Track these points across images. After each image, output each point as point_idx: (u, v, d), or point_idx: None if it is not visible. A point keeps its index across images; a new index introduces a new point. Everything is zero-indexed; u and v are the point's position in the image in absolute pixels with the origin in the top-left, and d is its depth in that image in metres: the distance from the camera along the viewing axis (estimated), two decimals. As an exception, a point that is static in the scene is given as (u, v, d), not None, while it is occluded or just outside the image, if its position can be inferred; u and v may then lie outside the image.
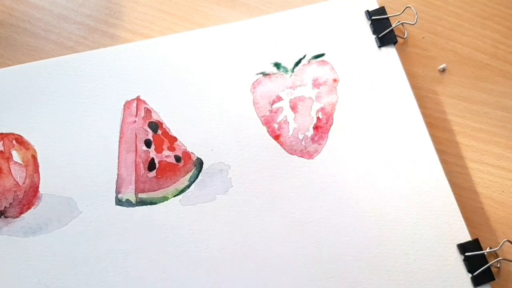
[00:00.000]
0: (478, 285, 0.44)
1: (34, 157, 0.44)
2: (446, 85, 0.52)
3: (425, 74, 0.52)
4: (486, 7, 0.55)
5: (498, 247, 0.46)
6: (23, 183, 0.44)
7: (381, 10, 0.51)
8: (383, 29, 0.50)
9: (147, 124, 0.46)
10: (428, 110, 0.51)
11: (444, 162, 0.48)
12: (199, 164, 0.46)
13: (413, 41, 0.53)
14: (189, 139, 0.46)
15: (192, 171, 0.45)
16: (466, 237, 0.45)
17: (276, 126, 0.47)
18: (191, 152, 0.46)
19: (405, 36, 0.52)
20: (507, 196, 0.49)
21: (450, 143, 0.50)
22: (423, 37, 0.53)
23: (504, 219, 0.48)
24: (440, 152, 0.48)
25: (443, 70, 0.53)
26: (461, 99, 0.52)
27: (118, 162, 0.45)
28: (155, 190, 0.45)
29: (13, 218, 0.43)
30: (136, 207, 0.44)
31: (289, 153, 0.47)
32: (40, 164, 0.44)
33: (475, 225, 0.47)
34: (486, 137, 0.51)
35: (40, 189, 0.44)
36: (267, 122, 0.47)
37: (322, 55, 0.49)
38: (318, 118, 0.48)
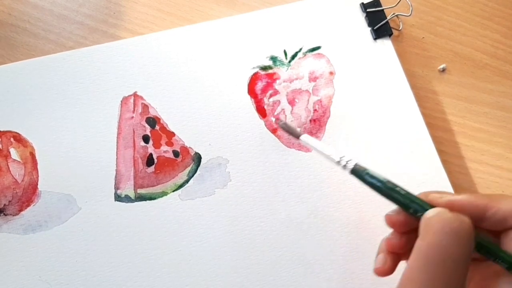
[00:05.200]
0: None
1: (32, 155, 0.42)
2: (446, 85, 0.50)
3: (425, 74, 0.50)
4: (486, 7, 0.53)
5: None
6: (22, 180, 0.41)
7: (376, 3, 0.48)
8: (378, 22, 0.48)
9: (144, 119, 0.44)
10: (428, 110, 0.49)
11: (444, 162, 0.45)
12: (198, 158, 0.43)
13: (413, 41, 0.51)
14: (187, 134, 0.44)
15: (191, 165, 0.43)
16: None
17: (273, 119, 0.45)
18: (189, 147, 0.44)
19: (400, 28, 0.50)
20: (507, 196, 0.47)
21: (450, 143, 0.48)
22: (423, 37, 0.51)
23: (504, 219, 0.46)
24: (440, 152, 0.46)
25: (443, 70, 0.50)
26: (461, 99, 0.50)
27: (117, 158, 0.43)
28: (154, 186, 0.42)
29: (13, 215, 0.41)
30: (135, 203, 0.42)
31: (287, 146, 0.44)
32: (38, 162, 0.42)
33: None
34: (486, 137, 0.49)
35: (39, 186, 0.41)
36: (265, 116, 0.45)
37: (318, 48, 0.47)
38: (315, 110, 0.45)
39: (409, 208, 0.32)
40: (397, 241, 0.34)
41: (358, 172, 0.35)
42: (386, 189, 0.33)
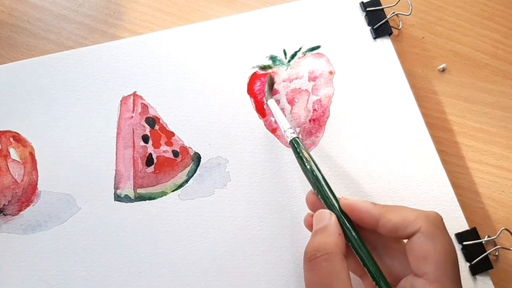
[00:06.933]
0: (476, 273, 0.42)
1: (32, 155, 0.42)
2: (446, 85, 0.50)
3: (425, 74, 0.50)
4: (486, 7, 0.53)
5: (496, 236, 0.44)
6: (22, 180, 0.41)
7: (376, 2, 0.48)
8: (378, 21, 0.47)
9: (144, 119, 0.44)
10: (428, 110, 0.48)
11: (444, 162, 0.45)
12: (197, 158, 0.43)
13: (413, 41, 0.51)
14: (187, 134, 0.44)
15: (190, 165, 0.43)
16: (464, 227, 0.43)
17: (273, 119, 0.45)
18: (189, 147, 0.43)
19: (400, 27, 0.50)
20: (507, 196, 0.47)
21: (450, 143, 0.48)
22: (423, 37, 0.51)
23: (504, 219, 0.46)
24: (440, 152, 0.46)
25: (443, 70, 0.50)
26: (461, 99, 0.49)
27: (116, 158, 0.42)
28: (154, 185, 0.42)
29: (12, 215, 0.41)
30: (135, 203, 0.42)
31: (287, 146, 0.44)
32: (38, 161, 0.42)
33: (475, 225, 0.44)
34: (486, 137, 0.48)
35: (38, 186, 0.41)
36: (264, 116, 0.45)
37: (318, 47, 0.47)
38: (314, 110, 0.45)
39: (315, 189, 0.37)
40: (312, 221, 0.37)
41: (293, 144, 0.39)
42: (304, 167, 0.38)
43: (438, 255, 0.32)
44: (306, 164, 0.38)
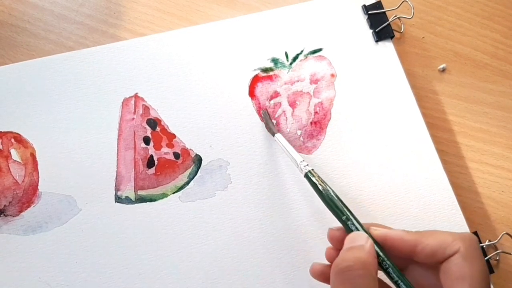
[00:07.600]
0: (476, 277, 0.42)
1: (33, 155, 0.42)
2: (446, 85, 0.50)
3: (425, 74, 0.50)
4: (486, 7, 0.52)
5: (497, 240, 0.44)
6: (22, 181, 0.41)
7: (378, 5, 0.48)
8: (380, 24, 0.47)
9: (145, 121, 0.44)
10: (428, 110, 0.49)
11: (444, 162, 0.45)
12: (198, 160, 0.43)
13: (413, 41, 0.51)
14: (188, 136, 0.44)
15: (191, 167, 0.43)
16: (464, 228, 0.43)
17: (274, 121, 0.45)
18: (190, 149, 0.43)
19: (402, 30, 0.50)
20: (507, 196, 0.47)
21: (450, 143, 0.48)
22: (423, 37, 0.51)
23: (504, 219, 0.46)
24: (440, 152, 0.46)
25: (443, 70, 0.50)
26: (461, 99, 0.50)
27: (117, 160, 0.43)
28: (155, 187, 0.42)
29: (13, 216, 0.41)
30: (136, 204, 0.42)
31: (287, 149, 0.44)
32: (39, 162, 0.42)
33: (475, 225, 0.45)
34: (486, 137, 0.48)
35: (39, 187, 0.41)
36: (265, 118, 0.45)
37: (320, 50, 0.47)
38: (316, 113, 0.45)
39: (342, 216, 0.35)
40: (334, 254, 0.36)
41: (309, 177, 0.38)
42: (323, 197, 0.37)
43: (475, 275, 0.31)
44: (329, 196, 0.36)
